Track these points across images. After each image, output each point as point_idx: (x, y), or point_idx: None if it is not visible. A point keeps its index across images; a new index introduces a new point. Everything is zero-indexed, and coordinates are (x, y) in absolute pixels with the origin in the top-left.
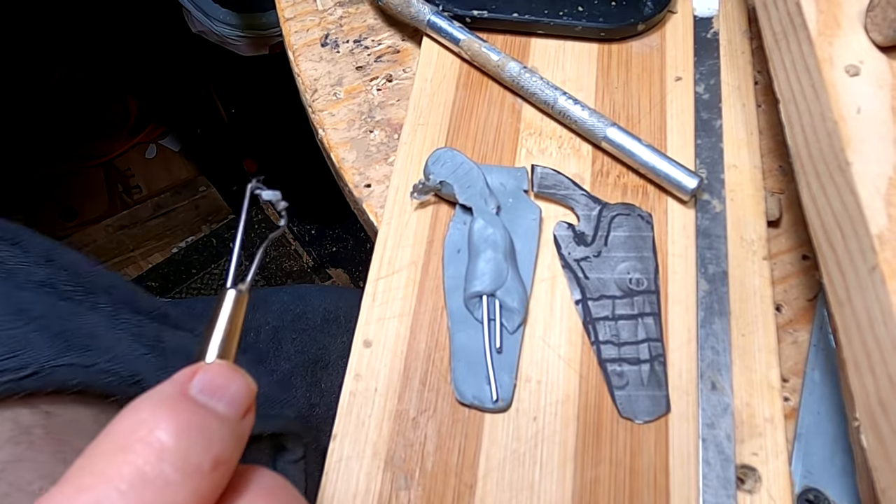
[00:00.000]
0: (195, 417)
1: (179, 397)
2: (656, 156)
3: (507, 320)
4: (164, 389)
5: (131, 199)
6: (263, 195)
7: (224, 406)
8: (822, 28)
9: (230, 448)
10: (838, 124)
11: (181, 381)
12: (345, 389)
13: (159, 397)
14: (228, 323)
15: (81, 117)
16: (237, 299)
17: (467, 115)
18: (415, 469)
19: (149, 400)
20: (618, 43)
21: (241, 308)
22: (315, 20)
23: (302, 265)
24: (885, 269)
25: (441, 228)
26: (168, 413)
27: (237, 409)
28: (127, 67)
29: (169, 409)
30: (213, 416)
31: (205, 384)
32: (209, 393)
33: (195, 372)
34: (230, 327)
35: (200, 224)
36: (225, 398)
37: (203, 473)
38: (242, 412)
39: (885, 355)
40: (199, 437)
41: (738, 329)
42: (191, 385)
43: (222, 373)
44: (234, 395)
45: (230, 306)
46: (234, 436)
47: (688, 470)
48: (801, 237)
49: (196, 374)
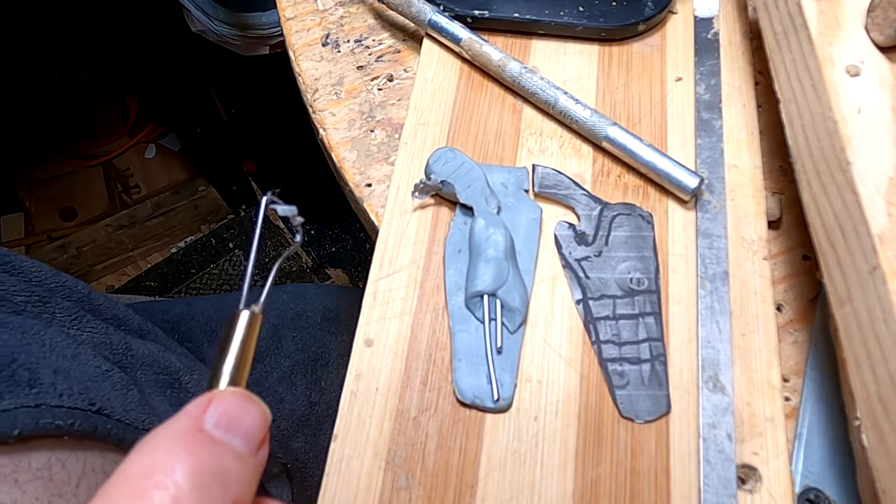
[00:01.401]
0: (213, 459)
1: (195, 434)
2: (657, 155)
3: (508, 320)
4: (179, 424)
5: (130, 198)
6: (279, 210)
7: (240, 442)
8: (823, 28)
9: (247, 487)
10: (839, 124)
11: (195, 413)
12: (346, 389)
13: (174, 434)
14: (241, 346)
15: (81, 117)
16: (250, 321)
17: (468, 114)
18: (416, 469)
19: (164, 438)
20: (618, 43)
21: (255, 330)
22: (316, 20)
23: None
24: (885, 269)
25: (442, 228)
26: (184, 454)
27: (253, 444)
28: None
29: (184, 449)
30: (229, 455)
31: (219, 417)
32: (224, 427)
33: (209, 402)
34: (243, 351)
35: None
36: (240, 433)
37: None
38: (258, 446)
39: (885, 354)
40: (215, 481)
41: (739, 329)
42: (205, 419)
43: (236, 404)
44: (249, 428)
45: (243, 328)
46: (250, 473)
47: (688, 469)
48: (801, 237)
49: (210, 405)
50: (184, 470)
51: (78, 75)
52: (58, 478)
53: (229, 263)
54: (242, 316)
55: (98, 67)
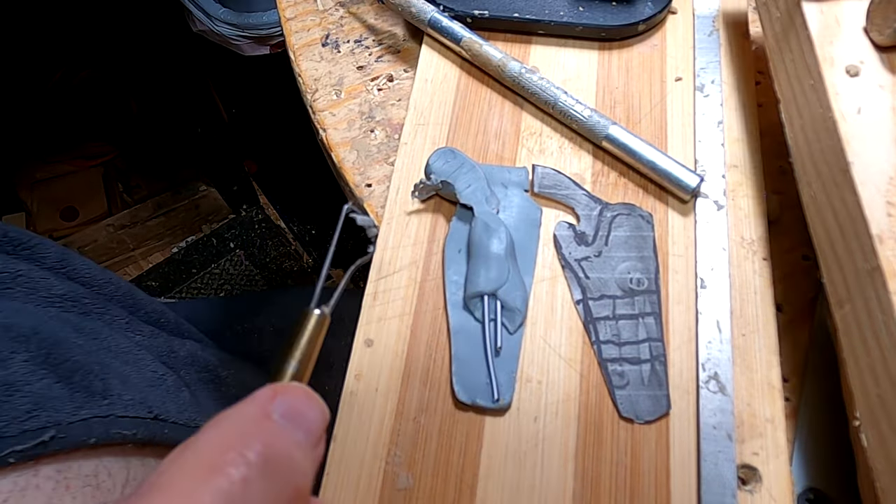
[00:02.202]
0: (280, 444)
1: (264, 420)
2: (658, 154)
3: (508, 320)
4: (247, 410)
5: (131, 198)
6: (358, 220)
7: (303, 435)
8: (823, 28)
9: (307, 479)
10: (838, 124)
11: (262, 402)
12: (345, 389)
13: (244, 418)
14: (307, 343)
15: (82, 117)
16: (319, 321)
17: (468, 114)
18: (416, 469)
19: (233, 420)
20: (618, 43)
21: (322, 330)
22: (316, 20)
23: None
24: (885, 269)
25: (441, 228)
26: (256, 436)
27: (313, 438)
28: (128, 67)
29: (256, 431)
30: (294, 445)
31: (286, 409)
32: (289, 418)
33: (275, 393)
34: (309, 348)
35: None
36: (304, 427)
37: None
38: (317, 441)
39: (885, 354)
40: (282, 466)
41: (739, 329)
42: (272, 408)
43: (301, 399)
44: (311, 423)
45: (311, 327)
46: (310, 466)
47: (688, 469)
48: (801, 237)
49: (276, 396)
50: (255, 451)
51: (79, 75)
52: (105, 485)
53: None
54: (313, 315)
55: (99, 67)
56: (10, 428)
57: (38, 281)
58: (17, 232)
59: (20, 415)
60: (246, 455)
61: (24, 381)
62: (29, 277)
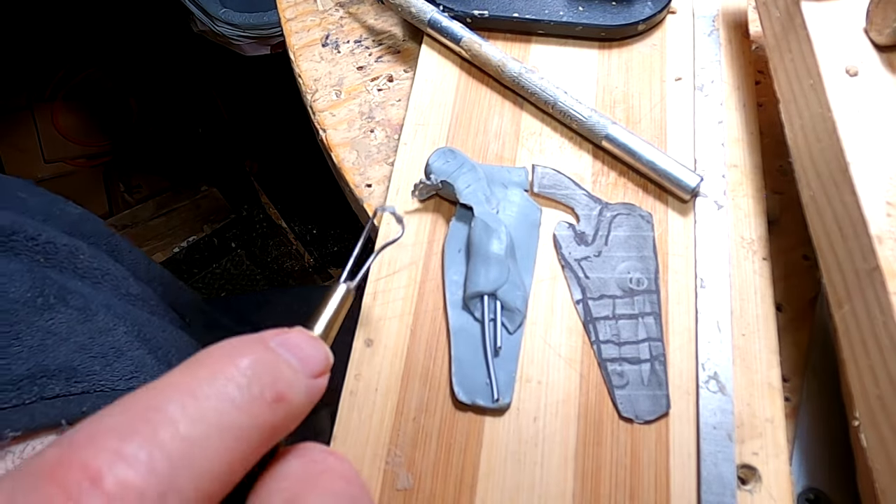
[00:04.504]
0: (266, 356)
1: (258, 342)
2: (658, 154)
3: (508, 320)
4: (247, 337)
5: (132, 198)
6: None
7: (297, 361)
8: (823, 28)
9: (295, 393)
10: (838, 124)
11: (262, 334)
12: (345, 389)
13: (241, 340)
14: (332, 311)
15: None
16: (346, 293)
17: (468, 114)
18: (415, 469)
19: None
20: (618, 43)
21: (347, 302)
22: (316, 20)
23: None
24: (884, 270)
25: (441, 228)
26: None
27: (307, 367)
28: (129, 67)
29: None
30: (283, 362)
31: (282, 340)
32: (284, 347)
33: (277, 332)
34: (333, 316)
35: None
36: (298, 355)
37: (264, 402)
38: (312, 372)
39: (885, 355)
40: (265, 371)
41: (739, 329)
42: (270, 338)
43: (301, 336)
44: (307, 354)
45: (339, 297)
46: (302, 386)
47: (688, 469)
48: (801, 237)
49: (277, 334)
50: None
51: (80, 75)
52: None
53: (231, 263)
54: (341, 287)
55: (100, 67)
56: (118, 384)
57: (120, 280)
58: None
59: (126, 374)
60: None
61: (127, 347)
62: (114, 276)
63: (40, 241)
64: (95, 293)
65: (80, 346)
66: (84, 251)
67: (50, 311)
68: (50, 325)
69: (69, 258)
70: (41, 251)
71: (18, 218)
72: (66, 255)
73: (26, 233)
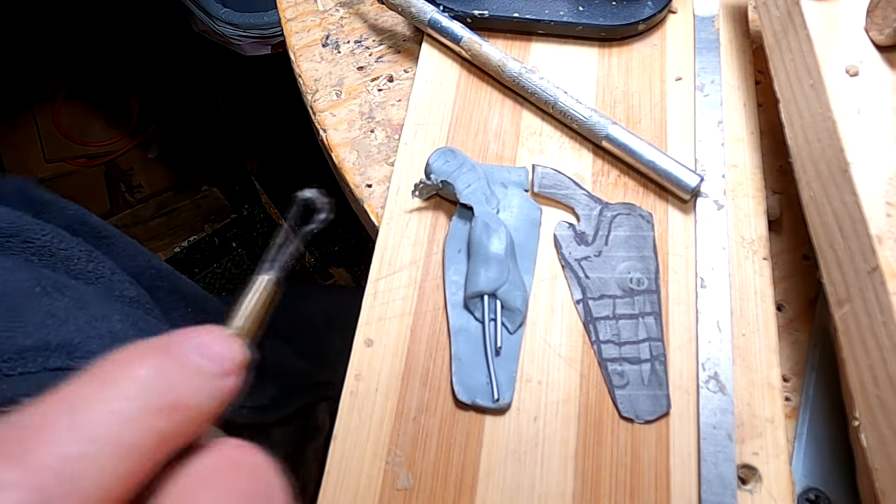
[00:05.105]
0: (165, 362)
1: (157, 347)
2: (658, 154)
3: (508, 320)
4: (148, 343)
5: (133, 198)
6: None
7: (202, 360)
8: (822, 28)
9: (197, 398)
10: (838, 124)
11: (167, 338)
12: (345, 389)
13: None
14: (250, 304)
15: (83, 117)
16: (264, 285)
17: (468, 114)
18: (416, 469)
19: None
20: (618, 43)
21: (268, 294)
22: (316, 21)
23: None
24: (884, 270)
25: (441, 228)
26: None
27: (214, 365)
28: (129, 67)
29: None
30: (184, 367)
31: (188, 341)
32: (190, 348)
33: (184, 333)
34: (252, 310)
35: (202, 223)
36: (206, 354)
37: (158, 412)
38: (221, 371)
39: (884, 355)
40: (162, 379)
41: (739, 329)
42: (174, 342)
43: (210, 335)
44: (215, 353)
45: (256, 290)
46: (206, 390)
47: (688, 469)
48: (801, 237)
49: (184, 334)
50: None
51: (80, 75)
52: None
53: (232, 263)
54: (258, 279)
55: (100, 67)
56: None
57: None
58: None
59: None
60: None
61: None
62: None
63: (35, 245)
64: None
65: (78, 328)
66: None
67: (48, 298)
68: (49, 308)
69: (64, 262)
70: (36, 253)
71: (17, 219)
72: (61, 259)
73: (21, 236)
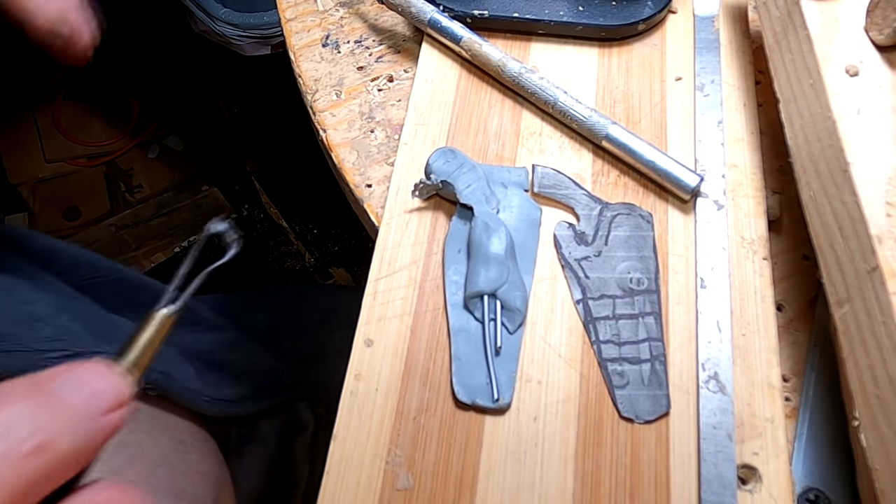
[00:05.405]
0: (32, 402)
1: (28, 386)
2: (658, 154)
3: (508, 320)
4: (18, 381)
5: (133, 198)
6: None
7: (76, 398)
8: (822, 28)
9: (65, 439)
10: (838, 124)
11: (41, 375)
12: (345, 389)
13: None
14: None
15: (84, 117)
16: (162, 321)
17: (468, 114)
18: (416, 469)
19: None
20: (618, 43)
21: (165, 329)
22: (316, 21)
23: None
24: (884, 270)
25: (441, 228)
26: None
27: (92, 404)
28: (129, 67)
29: (10, 394)
30: (55, 407)
31: (65, 375)
32: (68, 386)
33: (64, 369)
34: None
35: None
36: (87, 391)
37: (20, 455)
38: (100, 409)
39: (884, 355)
40: (27, 420)
41: (739, 329)
42: (49, 379)
43: (93, 371)
44: (97, 390)
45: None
46: (80, 428)
47: (688, 469)
48: (801, 237)
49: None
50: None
51: (80, 75)
52: None
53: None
54: (157, 316)
55: (101, 67)
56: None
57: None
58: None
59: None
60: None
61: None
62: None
63: None
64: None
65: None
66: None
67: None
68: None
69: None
70: None
71: None
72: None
73: None
